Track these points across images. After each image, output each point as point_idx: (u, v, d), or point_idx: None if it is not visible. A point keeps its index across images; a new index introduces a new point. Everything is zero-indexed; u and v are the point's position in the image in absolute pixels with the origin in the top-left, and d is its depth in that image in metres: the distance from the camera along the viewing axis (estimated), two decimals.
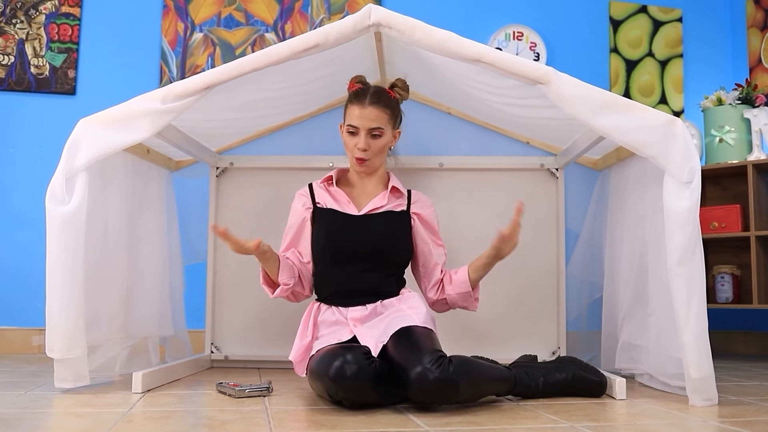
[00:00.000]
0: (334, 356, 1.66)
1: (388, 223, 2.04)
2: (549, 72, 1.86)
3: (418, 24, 1.90)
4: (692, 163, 1.76)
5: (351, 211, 2.05)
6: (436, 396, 1.63)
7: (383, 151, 2.06)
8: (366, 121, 1.99)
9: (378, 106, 2.00)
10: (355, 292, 1.98)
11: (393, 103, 2.06)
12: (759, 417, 1.59)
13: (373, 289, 1.98)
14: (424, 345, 1.71)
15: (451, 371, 1.61)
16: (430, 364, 1.60)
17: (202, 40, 3.17)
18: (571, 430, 1.45)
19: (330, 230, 2.02)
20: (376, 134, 2.01)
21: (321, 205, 2.07)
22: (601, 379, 1.89)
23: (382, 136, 2.02)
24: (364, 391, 1.64)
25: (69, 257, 1.83)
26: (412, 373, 1.61)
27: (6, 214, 3.00)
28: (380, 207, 2.06)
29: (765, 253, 2.94)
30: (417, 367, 1.61)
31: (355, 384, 1.62)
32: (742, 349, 3.31)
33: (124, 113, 1.92)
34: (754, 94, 3.06)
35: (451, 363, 1.63)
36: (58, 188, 1.86)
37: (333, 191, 2.09)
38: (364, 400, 1.66)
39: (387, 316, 1.92)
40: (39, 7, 3.11)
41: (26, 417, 1.53)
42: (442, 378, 1.59)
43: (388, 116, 2.03)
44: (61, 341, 1.83)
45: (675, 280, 1.73)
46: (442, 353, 1.67)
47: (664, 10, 3.48)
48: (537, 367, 1.92)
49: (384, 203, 2.06)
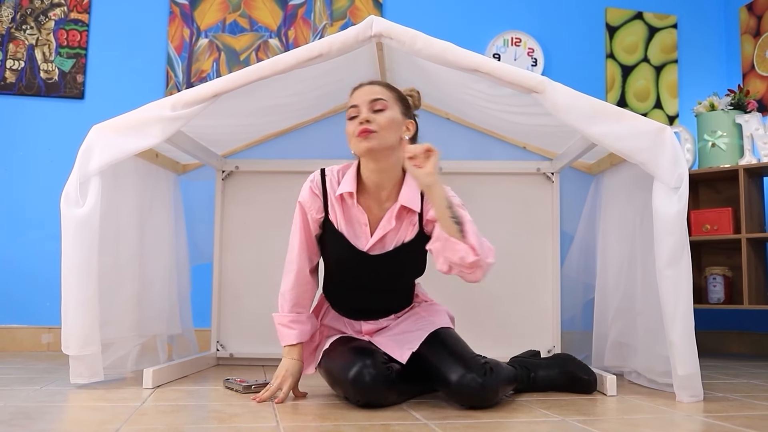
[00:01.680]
0: (353, 361, 1.70)
1: (399, 261, 1.88)
2: (544, 81, 1.93)
3: (419, 35, 1.98)
4: (680, 169, 1.84)
5: (362, 242, 1.86)
6: (477, 400, 1.69)
7: (391, 127, 1.78)
8: (366, 96, 1.80)
9: (379, 84, 1.86)
10: (365, 311, 1.95)
11: (400, 92, 1.88)
12: (741, 412, 1.67)
13: (385, 309, 1.95)
14: (462, 349, 1.78)
15: (493, 378, 1.69)
16: (476, 370, 1.68)
17: (208, 45, 3.25)
18: (562, 423, 1.53)
19: (339, 261, 1.91)
20: (379, 108, 1.78)
21: (333, 220, 1.87)
22: (590, 378, 1.97)
23: (386, 110, 1.78)
24: (382, 396, 1.70)
25: (83, 258, 1.91)
26: (455, 378, 1.69)
27: (16, 215, 3.08)
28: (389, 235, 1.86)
29: (756, 254, 3.02)
30: (461, 372, 1.69)
31: (373, 389, 1.68)
32: (736, 349, 3.38)
33: (136, 120, 2.00)
34: (746, 100, 3.13)
35: (492, 371, 1.70)
36: (72, 192, 1.93)
37: (349, 205, 1.87)
38: (382, 403, 1.71)
39: (407, 323, 1.92)
40: (48, 13, 3.18)
41: (45, 410, 1.61)
42: (486, 385, 1.67)
43: (394, 96, 1.83)
44: (76, 339, 1.91)
45: (663, 281, 1.81)
46: (482, 358, 1.74)
47: (660, 17, 3.55)
48: (532, 362, 2.01)
49: (391, 227, 1.85)
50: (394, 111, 1.81)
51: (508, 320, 2.71)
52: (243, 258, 2.73)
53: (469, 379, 1.67)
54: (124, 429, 1.41)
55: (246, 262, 2.72)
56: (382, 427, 1.48)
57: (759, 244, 3.05)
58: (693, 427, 1.51)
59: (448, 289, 2.67)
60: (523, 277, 2.71)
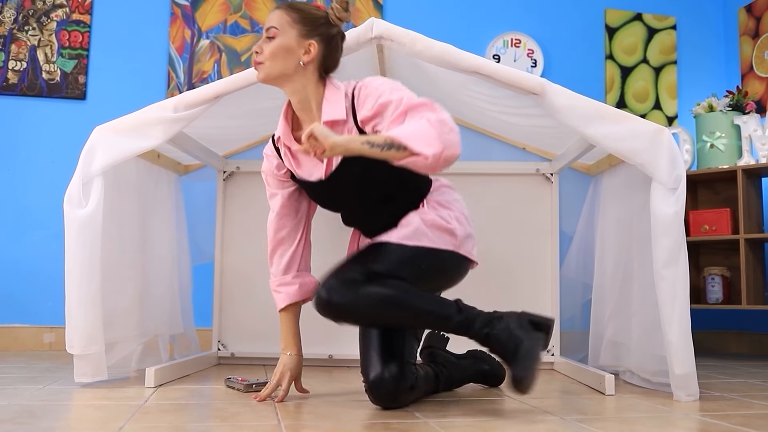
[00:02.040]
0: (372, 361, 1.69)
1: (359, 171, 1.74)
2: (543, 83, 1.95)
3: (419, 37, 1.99)
4: (678, 171, 1.86)
5: (319, 171, 1.81)
6: (328, 316, 1.65)
7: (276, 56, 1.74)
8: (265, 24, 1.78)
9: (282, 8, 1.78)
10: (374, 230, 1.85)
11: (309, 10, 1.79)
12: (738, 411, 1.69)
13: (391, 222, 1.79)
14: (347, 264, 1.69)
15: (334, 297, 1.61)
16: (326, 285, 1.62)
17: (209, 46, 3.26)
18: (560, 422, 1.55)
19: (316, 199, 1.91)
20: (270, 36, 1.76)
21: (291, 168, 1.88)
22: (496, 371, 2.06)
23: (275, 37, 1.75)
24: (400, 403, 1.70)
25: (86, 258, 1.93)
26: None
27: (18, 215, 3.09)
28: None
29: (754, 255, 3.03)
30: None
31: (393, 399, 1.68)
32: (734, 349, 3.40)
33: (138, 121, 2.02)
34: (744, 101, 3.15)
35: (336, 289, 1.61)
36: (75, 193, 1.95)
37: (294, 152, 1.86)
38: (400, 405, 1.71)
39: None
40: (50, 14, 3.20)
41: (49, 408, 1.63)
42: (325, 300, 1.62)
43: (292, 19, 1.76)
44: (80, 338, 1.92)
45: (661, 282, 1.83)
46: (347, 275, 1.63)
47: (659, 18, 3.57)
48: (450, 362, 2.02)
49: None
50: (285, 37, 1.75)
51: None
52: (244, 258, 2.74)
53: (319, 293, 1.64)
54: (128, 427, 1.43)
55: (247, 261, 2.74)
56: (383, 425, 1.49)
57: (757, 245, 3.07)
58: (690, 425, 1.53)
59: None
60: (522, 277, 2.73)
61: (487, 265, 2.70)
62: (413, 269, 1.70)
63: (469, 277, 2.69)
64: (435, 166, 1.57)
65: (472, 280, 2.70)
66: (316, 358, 2.61)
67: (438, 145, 1.55)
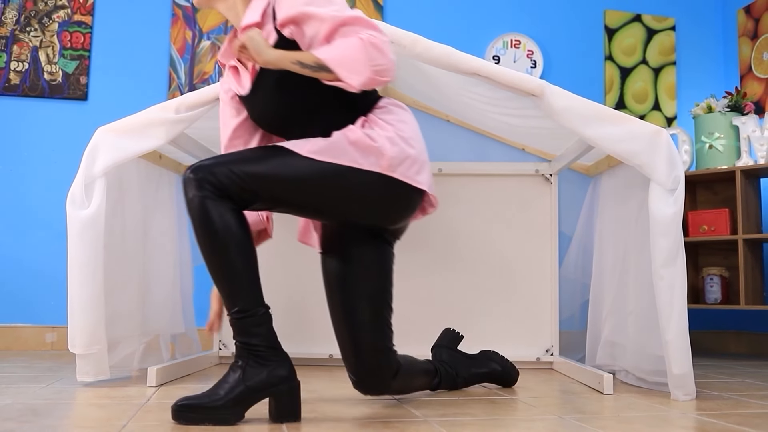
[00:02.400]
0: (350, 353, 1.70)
1: (278, 81, 1.61)
2: (542, 85, 1.97)
3: (419, 39, 2.01)
4: (677, 172, 1.87)
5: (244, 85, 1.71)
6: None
7: None
8: None
9: None
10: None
11: None
12: (735, 410, 1.70)
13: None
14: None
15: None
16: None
17: (210, 47, 3.28)
18: (559, 421, 1.56)
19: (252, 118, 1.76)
20: None
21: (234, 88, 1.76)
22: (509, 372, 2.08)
23: None
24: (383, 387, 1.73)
25: (89, 258, 1.94)
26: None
27: (20, 215, 3.11)
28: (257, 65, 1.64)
29: (752, 255, 3.05)
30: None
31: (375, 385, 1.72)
32: (733, 349, 3.41)
33: (140, 122, 2.03)
34: (743, 102, 3.16)
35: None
36: (77, 193, 1.97)
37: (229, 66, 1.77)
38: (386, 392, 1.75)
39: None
40: (52, 15, 3.22)
41: (52, 407, 1.65)
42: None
43: None
44: (82, 337, 1.94)
45: (659, 282, 1.84)
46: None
47: (658, 19, 3.59)
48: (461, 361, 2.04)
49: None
50: None
51: (506, 321, 2.74)
52: None
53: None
54: (130, 426, 1.44)
55: None
56: (383, 423, 1.51)
57: (756, 245, 3.08)
58: (687, 424, 1.54)
59: (445, 290, 2.71)
60: (521, 277, 2.74)
61: (486, 265, 2.73)
62: (319, 189, 1.53)
63: (469, 278, 2.72)
64: (364, 89, 1.51)
65: (472, 281, 2.73)
66: (316, 358, 2.63)
67: (366, 72, 1.46)
